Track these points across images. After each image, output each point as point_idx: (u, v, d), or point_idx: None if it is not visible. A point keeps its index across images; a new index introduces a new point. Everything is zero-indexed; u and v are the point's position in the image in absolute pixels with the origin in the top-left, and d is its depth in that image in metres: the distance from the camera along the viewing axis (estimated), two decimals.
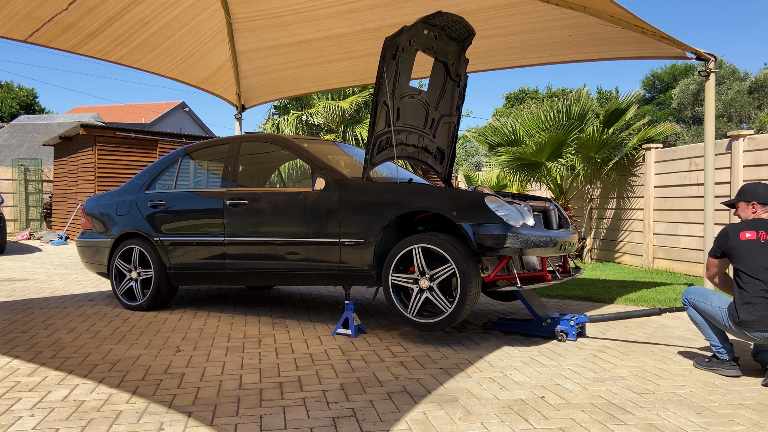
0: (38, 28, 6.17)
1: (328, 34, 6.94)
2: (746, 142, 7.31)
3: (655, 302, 6.10)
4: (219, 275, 5.38)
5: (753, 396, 3.30)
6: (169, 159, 5.98)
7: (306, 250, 4.86)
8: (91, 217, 6.31)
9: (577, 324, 4.58)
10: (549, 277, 4.59)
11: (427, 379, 3.58)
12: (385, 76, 4.57)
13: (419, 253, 4.28)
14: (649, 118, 12.43)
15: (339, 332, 4.68)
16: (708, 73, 5.50)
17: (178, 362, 3.94)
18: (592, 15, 4.92)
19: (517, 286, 4.24)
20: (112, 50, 7.07)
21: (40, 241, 15.49)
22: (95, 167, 14.20)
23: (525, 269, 4.65)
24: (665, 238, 8.87)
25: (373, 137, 4.69)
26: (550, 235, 4.47)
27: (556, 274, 4.76)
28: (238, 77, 8.28)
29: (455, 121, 5.54)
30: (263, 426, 2.85)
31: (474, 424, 2.88)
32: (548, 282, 4.55)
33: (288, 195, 5.02)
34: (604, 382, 3.55)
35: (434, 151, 5.53)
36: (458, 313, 4.14)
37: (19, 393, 3.33)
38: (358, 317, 4.81)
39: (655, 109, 35.15)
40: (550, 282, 4.57)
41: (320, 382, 3.51)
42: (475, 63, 6.44)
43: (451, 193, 4.39)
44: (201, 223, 5.43)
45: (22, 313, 5.66)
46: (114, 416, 2.97)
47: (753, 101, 27.27)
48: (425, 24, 4.77)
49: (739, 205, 3.80)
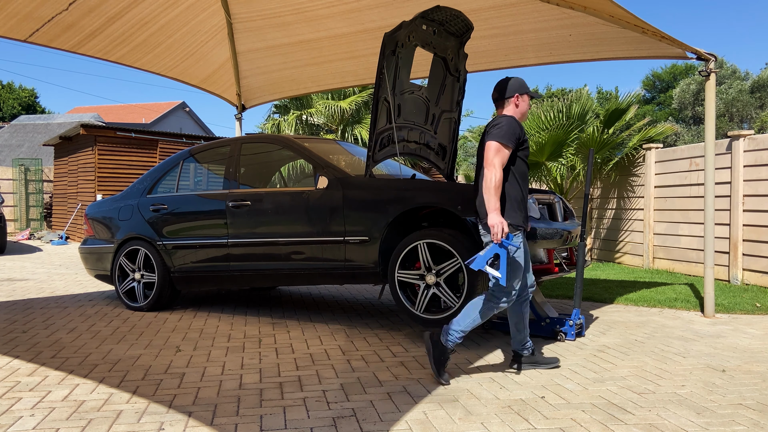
0: (38, 28, 6.17)
1: (329, 34, 6.93)
2: (747, 142, 7.30)
3: (655, 302, 6.10)
4: (223, 277, 5.37)
5: (753, 396, 3.30)
6: (170, 162, 5.98)
7: (310, 250, 4.86)
8: (93, 222, 6.30)
9: (576, 324, 4.57)
10: (556, 269, 4.58)
11: (427, 379, 3.58)
12: (385, 72, 4.57)
13: (425, 248, 4.25)
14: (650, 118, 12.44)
15: (488, 270, 3.31)
16: (708, 73, 5.49)
17: (179, 362, 3.95)
18: (592, 15, 4.91)
19: None
20: (112, 50, 7.07)
21: (40, 241, 15.50)
22: (95, 167, 14.20)
23: (532, 262, 4.64)
24: (665, 238, 8.87)
25: (374, 134, 4.68)
26: (556, 227, 4.47)
27: (563, 266, 4.75)
28: (239, 77, 8.28)
29: (456, 117, 5.54)
30: (263, 426, 2.85)
31: (474, 424, 2.88)
32: (555, 274, 4.54)
33: (291, 195, 5.02)
34: (604, 382, 3.55)
35: (436, 147, 5.52)
36: None
37: (20, 393, 3.33)
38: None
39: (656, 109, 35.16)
40: (558, 274, 4.55)
41: (320, 382, 3.51)
42: (475, 63, 6.44)
43: (455, 188, 4.37)
44: (204, 225, 5.43)
45: (23, 313, 5.66)
46: (114, 416, 2.97)
47: (754, 101, 27.28)
48: (424, 19, 4.77)
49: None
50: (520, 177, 3.53)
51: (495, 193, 3.34)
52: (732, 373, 3.74)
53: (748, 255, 7.26)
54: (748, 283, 7.25)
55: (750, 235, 7.22)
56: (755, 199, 7.16)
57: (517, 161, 3.51)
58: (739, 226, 7.32)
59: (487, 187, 3.35)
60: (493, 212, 3.33)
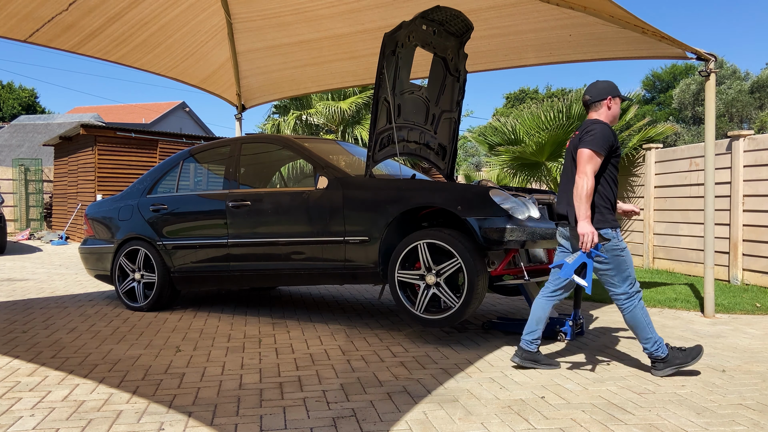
0: (38, 28, 6.17)
1: (329, 34, 6.93)
2: (746, 142, 7.31)
3: (655, 302, 6.10)
4: (223, 277, 5.37)
5: (753, 396, 3.30)
6: (170, 162, 5.98)
7: (310, 250, 4.86)
8: (93, 223, 6.30)
9: (576, 324, 4.57)
10: None
11: (427, 379, 3.58)
12: (385, 72, 4.57)
13: (425, 248, 4.25)
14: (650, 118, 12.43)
15: (576, 280, 3.47)
16: (708, 73, 5.49)
17: (179, 362, 3.95)
18: (592, 15, 4.91)
19: (524, 279, 4.22)
20: (112, 50, 7.07)
21: (40, 241, 15.49)
22: (95, 167, 14.20)
23: (531, 262, 4.63)
24: (665, 238, 8.87)
25: (374, 134, 4.68)
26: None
27: None
28: (238, 77, 8.28)
29: (456, 117, 5.54)
30: (263, 426, 2.85)
31: (474, 424, 2.88)
32: None
33: (291, 195, 5.02)
34: (604, 382, 3.55)
35: (436, 147, 5.52)
36: (466, 307, 4.11)
37: (20, 393, 3.33)
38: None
39: (656, 109, 35.16)
40: None
41: (320, 382, 3.51)
42: (475, 63, 6.44)
43: (455, 188, 4.37)
44: (204, 225, 5.42)
45: (23, 313, 5.66)
46: (114, 416, 2.97)
47: (754, 101, 27.28)
48: (424, 19, 4.77)
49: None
50: (611, 181, 3.63)
51: (586, 201, 3.43)
52: (732, 373, 3.74)
53: (748, 255, 7.26)
54: (748, 283, 7.25)
55: (750, 235, 7.22)
56: (755, 199, 7.16)
57: (608, 167, 3.61)
58: (739, 226, 7.32)
59: (579, 195, 3.44)
60: (584, 220, 3.41)
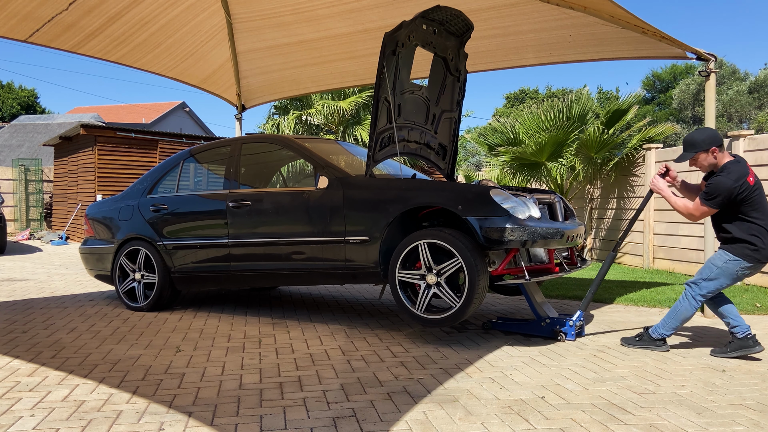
0: (38, 28, 6.17)
1: (329, 34, 6.93)
2: (746, 142, 7.30)
3: (655, 302, 6.10)
4: (224, 277, 5.37)
5: (753, 396, 3.30)
6: (170, 163, 5.98)
7: (311, 249, 4.86)
8: (93, 223, 6.30)
9: (576, 324, 4.57)
10: (557, 269, 4.56)
11: (427, 379, 3.58)
12: (386, 72, 4.57)
13: (425, 248, 4.24)
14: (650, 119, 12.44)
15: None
16: (708, 73, 5.49)
17: (179, 362, 3.95)
18: (592, 15, 4.91)
19: (525, 278, 4.21)
20: (112, 50, 7.07)
21: (40, 241, 15.49)
22: (95, 167, 14.20)
23: (532, 262, 4.63)
24: (666, 238, 8.87)
25: (375, 134, 4.68)
26: (557, 226, 4.45)
27: (563, 266, 4.73)
28: (238, 77, 8.28)
29: (456, 117, 5.54)
30: (263, 426, 2.85)
31: (474, 424, 2.88)
32: (556, 274, 4.52)
33: (291, 195, 5.01)
34: (605, 382, 3.55)
35: (436, 147, 5.52)
36: (467, 307, 4.10)
37: (20, 393, 3.33)
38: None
39: (656, 109, 35.14)
40: (558, 274, 4.54)
41: (320, 382, 3.51)
42: (475, 63, 6.44)
43: (455, 187, 4.36)
44: (204, 225, 5.42)
45: (23, 313, 5.66)
46: (114, 416, 2.97)
47: (753, 101, 27.27)
48: (424, 19, 4.77)
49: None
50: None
51: None
52: (732, 373, 3.74)
53: None
54: (748, 284, 7.24)
55: None
56: None
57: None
58: None
59: None
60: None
